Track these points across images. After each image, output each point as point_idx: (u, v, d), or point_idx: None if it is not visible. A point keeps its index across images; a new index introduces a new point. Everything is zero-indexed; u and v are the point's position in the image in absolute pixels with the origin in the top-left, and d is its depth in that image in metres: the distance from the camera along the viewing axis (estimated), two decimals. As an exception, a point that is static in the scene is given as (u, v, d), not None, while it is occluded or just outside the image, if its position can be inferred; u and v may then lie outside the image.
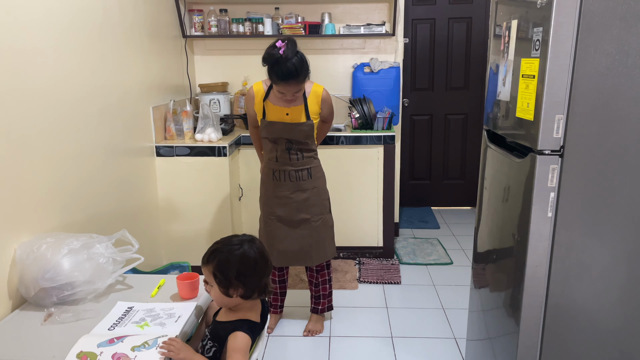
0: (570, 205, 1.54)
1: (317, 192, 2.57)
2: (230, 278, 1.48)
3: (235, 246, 1.51)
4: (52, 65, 2.01)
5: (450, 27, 4.44)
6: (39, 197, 1.91)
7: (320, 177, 2.59)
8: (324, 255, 2.64)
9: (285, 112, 2.45)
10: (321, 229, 2.59)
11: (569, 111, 1.48)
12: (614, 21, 1.41)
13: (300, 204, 2.54)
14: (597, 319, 1.61)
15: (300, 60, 2.26)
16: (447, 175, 4.78)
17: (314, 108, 2.47)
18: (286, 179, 2.52)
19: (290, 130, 2.45)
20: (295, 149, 2.49)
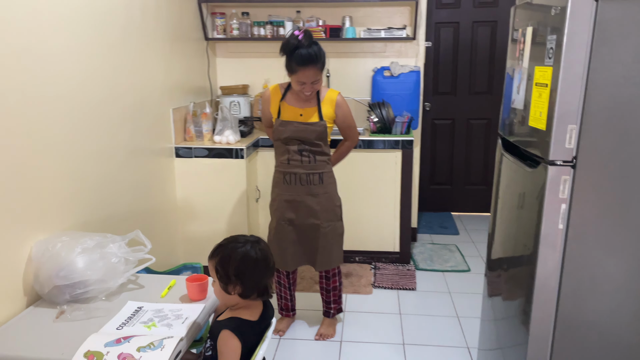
0: (583, 218, 1.50)
1: (328, 197, 2.55)
2: (229, 274, 1.51)
3: (239, 244, 1.55)
4: (74, 68, 2.06)
5: (474, 31, 4.38)
6: (57, 196, 1.96)
7: (332, 182, 2.57)
8: (329, 263, 2.61)
9: (299, 113, 2.47)
10: (330, 235, 2.57)
11: (582, 121, 1.44)
12: (630, 29, 1.37)
13: (310, 208, 2.52)
14: (610, 335, 1.57)
15: (319, 48, 2.36)
16: (469, 180, 4.72)
17: (327, 111, 2.47)
18: (297, 183, 2.51)
19: (303, 130, 2.44)
20: (307, 151, 2.47)
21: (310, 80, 2.35)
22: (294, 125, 2.45)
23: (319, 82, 2.40)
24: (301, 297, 3.14)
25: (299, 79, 2.36)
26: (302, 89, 2.39)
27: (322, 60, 2.36)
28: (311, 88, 2.39)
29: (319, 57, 2.34)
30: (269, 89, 2.58)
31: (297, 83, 2.39)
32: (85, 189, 2.15)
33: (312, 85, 2.38)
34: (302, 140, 2.46)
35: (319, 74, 2.37)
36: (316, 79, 2.36)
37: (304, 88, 2.38)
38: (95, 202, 2.23)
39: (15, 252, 1.75)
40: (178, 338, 1.54)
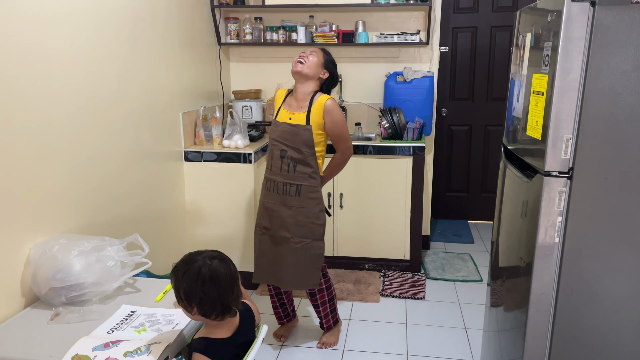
0: (580, 231, 1.44)
1: (304, 212, 2.40)
2: (181, 297, 1.45)
3: (189, 265, 1.45)
4: (79, 71, 2.09)
5: (492, 36, 4.30)
6: (59, 199, 1.99)
7: (312, 198, 2.41)
8: (297, 283, 2.47)
9: (289, 117, 2.42)
10: (300, 253, 2.42)
11: (579, 131, 1.39)
12: (629, 37, 1.31)
13: (283, 220, 2.42)
14: (609, 353, 1.50)
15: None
16: (486, 188, 4.62)
17: (315, 117, 2.37)
18: (274, 190, 2.44)
19: (289, 132, 2.38)
20: (288, 159, 2.38)
21: (308, 50, 2.43)
22: (283, 126, 2.41)
23: (314, 58, 2.39)
24: (305, 302, 3.12)
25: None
26: (298, 57, 2.41)
27: (327, 51, 2.47)
28: (307, 56, 2.39)
29: (325, 49, 2.48)
30: (278, 90, 2.60)
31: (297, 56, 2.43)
32: (89, 192, 2.18)
33: (308, 55, 2.39)
34: (287, 144, 2.38)
35: (318, 52, 2.42)
36: (314, 51, 2.41)
37: (301, 54, 2.41)
38: (99, 205, 2.26)
39: (14, 254, 1.79)
40: (165, 344, 1.54)
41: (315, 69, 2.39)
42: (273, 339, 2.73)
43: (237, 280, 1.51)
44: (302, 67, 2.37)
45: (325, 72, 2.43)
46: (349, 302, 3.14)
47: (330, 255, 3.57)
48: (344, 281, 3.41)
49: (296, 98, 2.44)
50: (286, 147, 2.39)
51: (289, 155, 2.39)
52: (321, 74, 2.42)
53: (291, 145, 2.38)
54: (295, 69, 2.38)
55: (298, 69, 2.37)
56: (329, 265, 3.60)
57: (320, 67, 2.41)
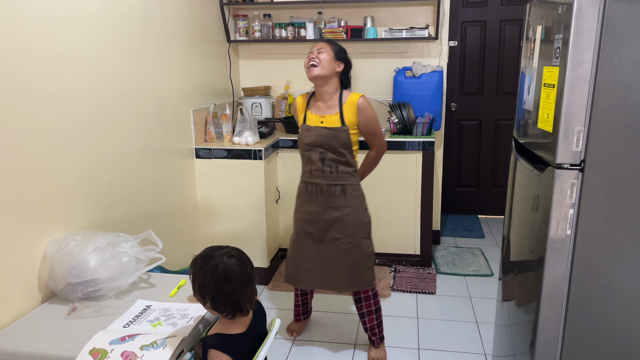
0: (592, 224, 1.44)
1: (352, 211, 2.37)
2: (195, 290, 1.48)
3: (206, 260, 1.48)
4: (90, 70, 2.12)
5: (502, 30, 4.28)
6: (73, 196, 2.02)
7: (357, 196, 2.39)
8: (356, 284, 2.42)
9: (320, 120, 2.37)
10: (354, 253, 2.38)
11: (590, 123, 1.39)
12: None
13: (330, 222, 2.37)
14: (622, 346, 1.50)
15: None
16: (496, 182, 4.61)
17: (349, 117, 2.34)
18: (317, 194, 2.37)
19: (325, 136, 2.32)
20: (329, 160, 2.34)
21: (315, 48, 2.34)
22: (317, 130, 2.34)
23: (324, 53, 2.30)
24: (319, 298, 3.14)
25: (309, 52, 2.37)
26: (308, 58, 2.33)
27: (334, 42, 2.41)
28: (316, 55, 2.31)
29: (332, 40, 2.44)
30: (297, 98, 2.52)
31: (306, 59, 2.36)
32: (102, 189, 2.21)
33: (317, 54, 2.31)
34: (325, 147, 2.33)
35: (326, 47, 2.33)
36: (321, 47, 2.33)
37: (309, 56, 2.33)
38: (113, 202, 2.29)
39: (31, 250, 1.82)
40: (181, 337, 1.56)
41: (329, 66, 2.31)
42: (285, 333, 2.75)
43: (252, 281, 1.52)
44: (317, 70, 2.30)
45: (339, 63, 2.35)
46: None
47: (340, 251, 3.58)
48: (354, 276, 3.42)
49: (322, 100, 2.39)
50: (325, 149, 2.34)
51: (330, 157, 2.34)
52: (337, 68, 2.34)
53: (330, 148, 2.34)
54: (312, 74, 2.31)
55: (315, 74, 2.30)
56: (340, 261, 3.61)
57: (333, 61, 2.33)
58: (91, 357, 1.47)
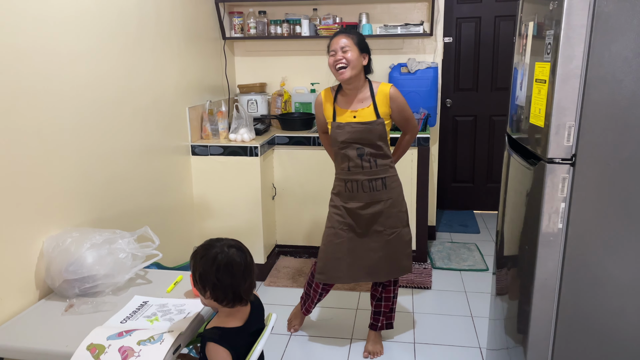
0: (583, 217, 1.46)
1: (392, 203, 2.38)
2: (196, 280, 1.51)
3: (207, 250, 1.51)
4: (85, 67, 2.12)
5: (496, 26, 4.29)
6: (70, 193, 2.03)
7: (396, 187, 2.40)
8: (397, 271, 2.46)
9: (352, 115, 2.33)
10: (395, 242, 2.41)
11: (581, 118, 1.41)
12: (631, 23, 1.33)
13: (373, 216, 2.38)
14: (612, 338, 1.52)
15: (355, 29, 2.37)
16: (491, 178, 4.63)
17: (382, 108, 2.31)
18: (359, 190, 2.36)
19: (361, 131, 2.29)
20: (367, 155, 2.32)
21: (339, 45, 2.24)
22: (351, 126, 2.30)
23: (350, 52, 2.23)
24: (315, 294, 3.16)
25: (329, 50, 2.28)
26: (334, 60, 2.25)
27: (354, 33, 2.31)
28: (342, 56, 2.23)
29: (349, 30, 2.34)
30: (320, 93, 2.47)
31: (330, 58, 2.27)
32: (99, 186, 2.21)
33: (343, 54, 2.23)
34: (362, 142, 2.31)
35: (349, 43, 2.24)
36: (345, 45, 2.23)
37: (335, 58, 2.25)
38: (110, 199, 2.30)
39: (27, 247, 1.83)
40: (178, 332, 1.58)
41: (358, 63, 2.26)
42: (282, 329, 2.77)
43: (252, 271, 1.56)
44: (348, 72, 2.24)
45: (364, 55, 2.30)
46: (356, 292, 3.18)
47: (337, 247, 3.60)
48: (351, 272, 3.44)
49: (351, 95, 2.36)
50: (362, 145, 2.32)
51: (367, 151, 2.32)
52: (363, 62, 2.30)
53: (367, 143, 2.31)
54: (343, 77, 2.25)
55: (345, 76, 2.25)
56: (336, 257, 3.63)
57: (359, 56, 2.27)
58: (89, 353, 1.49)
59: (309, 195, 3.50)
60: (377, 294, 2.55)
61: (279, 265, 3.57)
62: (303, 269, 3.49)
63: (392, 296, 2.55)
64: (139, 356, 1.47)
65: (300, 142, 3.42)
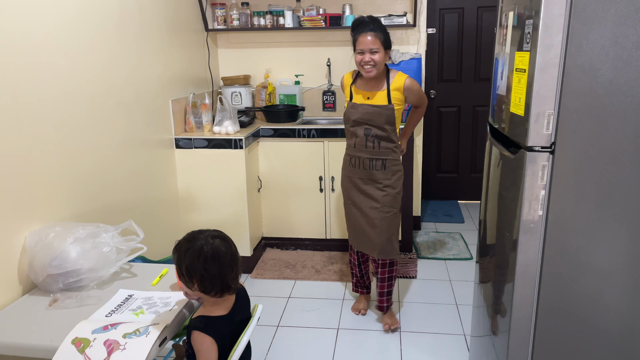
0: (562, 204, 1.49)
1: (390, 184, 2.55)
2: (182, 272, 1.51)
3: (192, 242, 1.51)
4: (66, 59, 2.09)
5: (479, 16, 4.32)
6: (52, 188, 2.01)
7: (396, 171, 2.56)
8: (389, 252, 2.61)
9: (367, 96, 2.52)
10: (388, 222, 2.57)
11: (560, 106, 1.42)
12: (607, 12, 1.34)
13: (370, 193, 2.56)
14: (591, 322, 1.56)
15: (377, 19, 2.45)
16: (475, 168, 4.68)
17: (396, 95, 2.48)
18: (360, 166, 2.56)
19: (371, 113, 2.47)
20: (372, 136, 2.50)
21: (368, 47, 2.38)
22: (364, 107, 2.49)
23: (378, 53, 2.39)
24: (303, 285, 3.18)
25: (357, 48, 2.42)
26: (362, 59, 2.41)
27: (380, 29, 2.41)
28: (370, 58, 2.39)
29: (376, 26, 2.41)
30: (344, 75, 2.67)
31: (357, 55, 2.43)
32: (81, 180, 2.19)
33: (371, 55, 2.39)
34: (370, 123, 2.49)
35: (377, 43, 2.39)
36: (374, 47, 2.38)
37: (363, 58, 2.40)
38: (93, 193, 2.28)
39: (10, 242, 1.81)
40: (163, 325, 1.58)
41: (383, 62, 2.44)
42: (269, 320, 2.78)
43: (238, 259, 1.57)
44: (374, 71, 2.43)
45: (387, 51, 2.47)
46: (342, 282, 3.20)
47: (322, 238, 3.62)
48: (337, 262, 3.46)
49: (369, 80, 2.51)
50: (370, 126, 2.49)
51: (374, 133, 2.49)
52: (386, 58, 2.47)
53: (374, 124, 2.48)
54: (369, 75, 2.44)
55: (372, 75, 2.44)
56: (322, 248, 3.65)
57: (385, 55, 2.44)
58: (74, 347, 1.48)
59: (295, 187, 3.50)
60: (379, 274, 2.70)
61: (266, 257, 3.58)
62: (290, 260, 3.51)
63: (393, 276, 2.70)
64: (125, 349, 1.47)
65: (286, 134, 3.42)
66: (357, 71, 2.59)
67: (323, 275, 3.30)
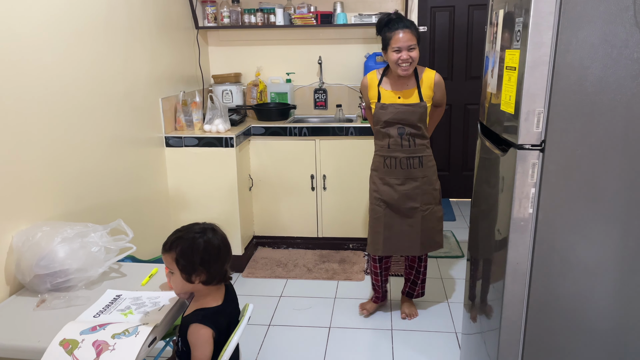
0: (553, 202, 1.49)
1: (427, 181, 2.55)
2: (195, 264, 1.51)
3: (197, 233, 1.54)
4: (54, 56, 2.07)
5: (470, 15, 4.33)
6: (39, 187, 1.99)
7: (431, 166, 2.57)
8: (431, 246, 2.65)
9: (397, 96, 2.48)
10: (429, 218, 2.58)
11: (550, 104, 1.42)
12: (597, 10, 1.34)
13: (409, 192, 2.54)
14: (581, 319, 1.56)
15: (403, 15, 2.46)
16: (467, 166, 4.69)
17: (426, 92, 2.47)
18: (397, 167, 2.52)
19: (404, 112, 2.44)
20: (407, 134, 2.48)
21: (405, 44, 2.35)
22: (395, 107, 2.45)
23: (415, 50, 2.38)
24: (294, 284, 3.17)
25: (393, 46, 2.37)
26: (399, 58, 2.36)
27: (413, 25, 2.40)
28: (408, 55, 2.36)
29: (409, 22, 2.40)
30: (366, 76, 2.60)
31: (393, 53, 2.38)
32: (69, 179, 2.17)
33: (408, 53, 2.36)
34: (403, 122, 2.46)
35: (414, 39, 2.37)
36: (411, 43, 2.36)
37: (400, 56, 2.36)
38: (81, 192, 2.25)
39: (-4, 242, 1.79)
40: (153, 325, 1.56)
41: (418, 58, 2.42)
42: (260, 319, 2.77)
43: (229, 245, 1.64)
44: (411, 68, 2.41)
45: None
46: (334, 281, 3.19)
47: (314, 237, 3.62)
48: (329, 261, 3.45)
49: (396, 78, 2.49)
50: (403, 125, 2.47)
51: (408, 131, 2.48)
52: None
53: (408, 123, 2.46)
54: (406, 73, 2.41)
55: (409, 73, 2.42)
56: (313, 247, 3.65)
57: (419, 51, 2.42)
58: (62, 348, 1.46)
59: (287, 186, 3.49)
60: (415, 264, 2.75)
61: (257, 256, 3.56)
62: (281, 259, 3.50)
63: (421, 270, 2.77)
64: (114, 349, 1.45)
65: (277, 132, 3.40)
66: (381, 71, 2.55)
67: (315, 273, 3.29)
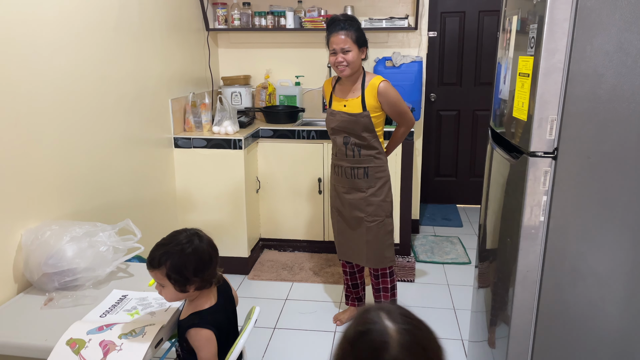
0: (564, 210, 1.48)
1: (374, 192, 2.46)
2: (188, 276, 1.47)
3: (185, 244, 1.50)
4: (66, 57, 2.08)
5: (480, 21, 4.32)
6: (49, 186, 1.99)
7: (380, 177, 2.46)
8: (380, 261, 2.53)
9: (343, 104, 2.43)
10: (375, 231, 2.49)
11: (563, 112, 1.42)
12: (612, 18, 1.34)
13: (354, 202, 2.49)
14: (591, 328, 1.55)
15: (351, 17, 2.37)
16: (474, 172, 4.67)
17: (370, 101, 2.36)
18: (343, 175, 2.49)
19: (347, 121, 2.38)
20: (352, 144, 2.41)
21: (340, 46, 2.29)
22: (341, 115, 2.41)
23: (351, 52, 2.29)
24: (300, 287, 3.16)
25: (330, 48, 2.34)
26: (335, 60, 2.32)
27: (352, 27, 2.31)
28: (342, 58, 2.30)
29: (348, 24, 2.30)
30: (325, 82, 2.61)
31: (330, 56, 2.35)
32: (78, 179, 2.18)
33: (343, 55, 2.30)
34: (348, 132, 2.41)
35: (349, 42, 2.29)
36: (346, 46, 2.28)
37: (336, 59, 2.31)
38: (90, 192, 2.26)
39: (5, 240, 1.79)
40: (159, 325, 1.56)
41: (357, 60, 2.35)
42: (265, 322, 2.76)
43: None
44: (348, 71, 2.33)
45: (362, 49, 2.37)
46: (340, 285, 3.18)
47: (320, 240, 3.61)
48: (335, 265, 3.44)
49: (347, 84, 2.44)
50: (347, 134, 2.41)
51: (352, 141, 2.41)
52: (361, 56, 2.37)
53: (352, 133, 2.40)
54: (343, 74, 2.36)
55: (346, 74, 2.35)
56: (320, 250, 3.64)
57: (359, 53, 2.34)
58: (69, 348, 1.47)
59: (294, 189, 3.49)
60: (374, 285, 2.65)
61: (263, 258, 3.56)
62: (287, 262, 3.49)
63: (388, 287, 2.62)
64: (121, 349, 1.45)
65: (285, 135, 3.40)
66: (337, 77, 2.51)
67: (321, 277, 3.28)
